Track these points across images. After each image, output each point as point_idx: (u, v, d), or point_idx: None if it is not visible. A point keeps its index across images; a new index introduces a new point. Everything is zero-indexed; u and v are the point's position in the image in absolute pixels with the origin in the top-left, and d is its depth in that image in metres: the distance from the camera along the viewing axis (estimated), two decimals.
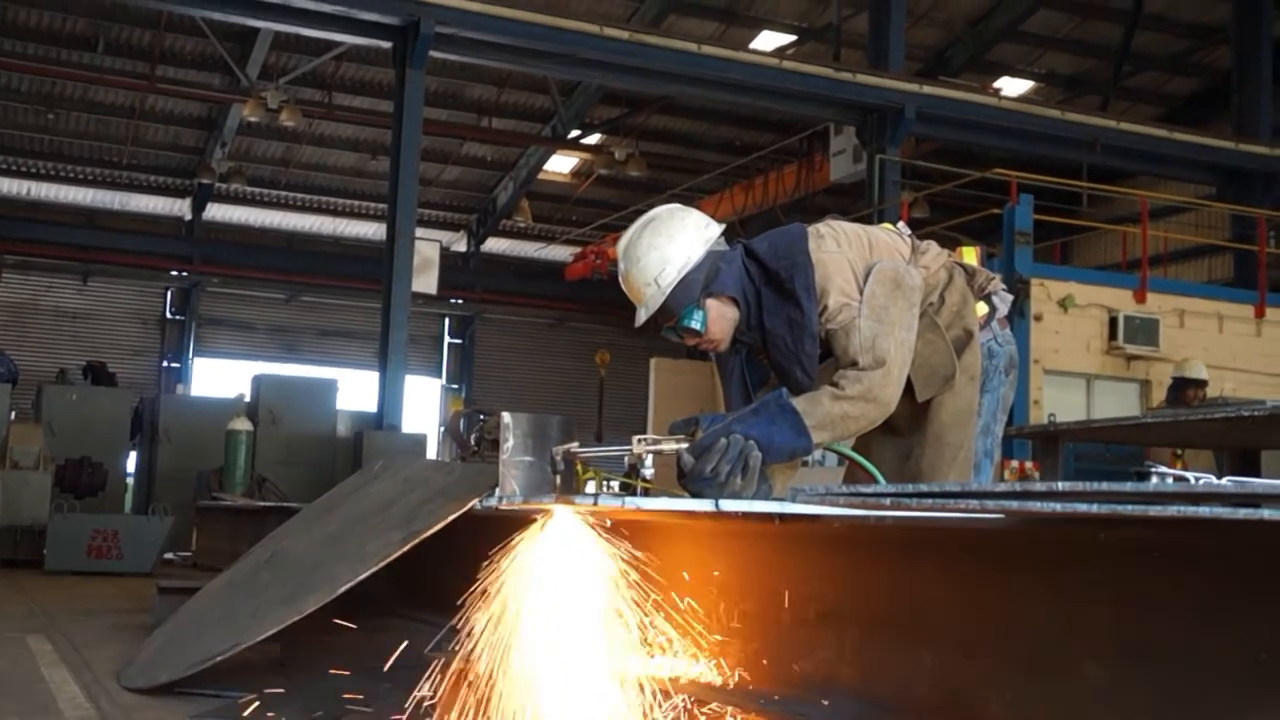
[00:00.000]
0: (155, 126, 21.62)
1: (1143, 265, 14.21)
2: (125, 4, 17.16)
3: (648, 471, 2.96)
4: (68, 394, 14.95)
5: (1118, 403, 13.42)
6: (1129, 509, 1.49)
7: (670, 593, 2.96)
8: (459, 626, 2.99)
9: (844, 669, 2.61)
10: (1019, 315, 12.29)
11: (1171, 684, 1.88)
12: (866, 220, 14.88)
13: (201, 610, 5.21)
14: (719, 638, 2.95)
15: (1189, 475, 1.95)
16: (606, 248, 21.65)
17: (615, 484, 3.26)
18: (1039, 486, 1.62)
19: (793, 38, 20.01)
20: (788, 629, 2.78)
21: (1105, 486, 1.57)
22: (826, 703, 2.58)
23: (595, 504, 2.68)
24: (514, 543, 2.98)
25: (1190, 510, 1.44)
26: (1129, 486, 1.59)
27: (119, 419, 14.95)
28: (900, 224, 3.52)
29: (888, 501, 1.95)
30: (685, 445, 2.96)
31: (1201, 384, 10.91)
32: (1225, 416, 5.31)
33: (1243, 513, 1.44)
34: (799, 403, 3.06)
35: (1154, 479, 1.94)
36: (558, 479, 2.96)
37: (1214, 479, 1.87)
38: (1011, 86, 21.01)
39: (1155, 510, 1.48)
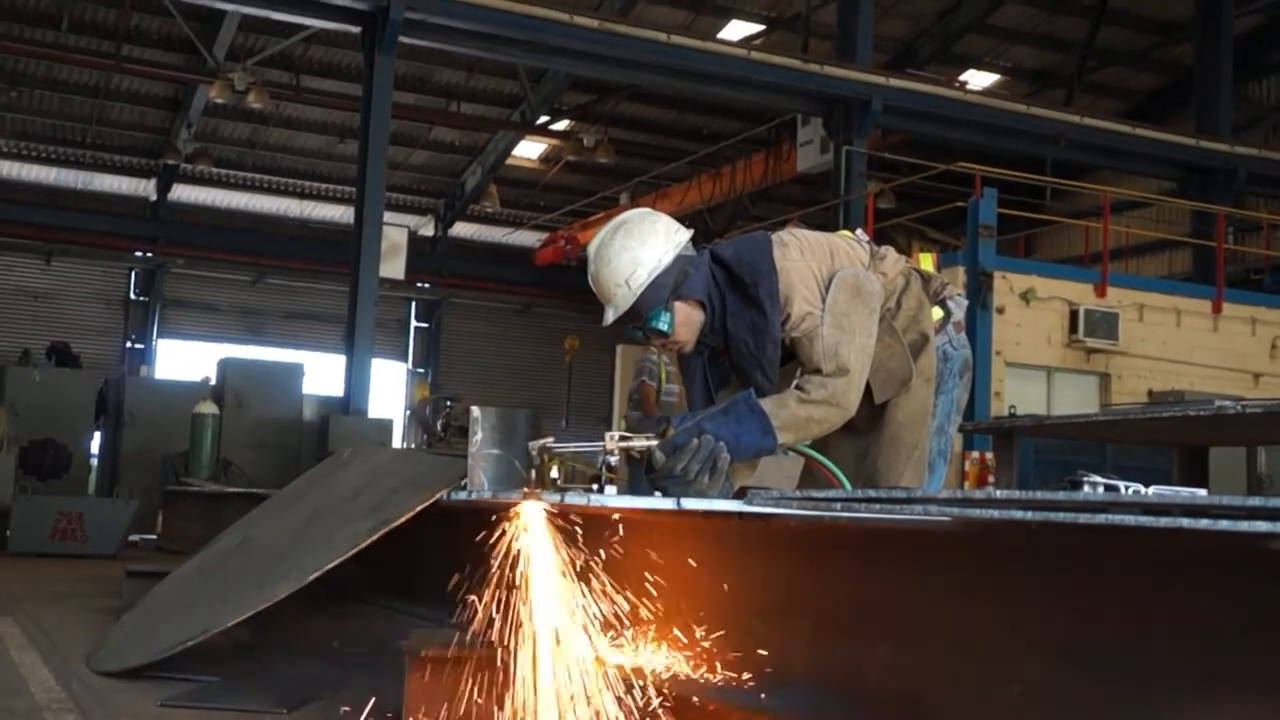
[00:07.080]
0: (120, 106, 21.45)
1: (1104, 259, 14.42)
2: None
3: (612, 459, 3.06)
4: (31, 375, 14.86)
5: (1077, 395, 13.61)
6: (1060, 517, 1.62)
7: (635, 585, 3.06)
8: (431, 616, 3.09)
9: (798, 661, 2.72)
10: (981, 307, 12.48)
11: (1113, 680, 2.00)
12: (832, 211, 15.13)
13: (171, 595, 5.27)
14: (681, 630, 3.05)
15: (1119, 484, 2.07)
16: (577, 233, 21.69)
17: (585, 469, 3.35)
18: (978, 494, 1.73)
19: (761, 27, 20.13)
20: (745, 621, 2.88)
21: (1039, 495, 1.70)
22: (782, 693, 2.69)
23: (562, 500, 2.77)
24: (485, 533, 3.07)
25: (1116, 519, 1.56)
26: (1061, 496, 1.71)
27: (83, 400, 14.87)
28: (859, 231, 3.64)
29: (838, 506, 2.06)
30: (656, 443, 3.07)
31: None
32: (1173, 416, 5.46)
33: (1164, 521, 1.56)
34: (766, 404, 3.17)
35: (1085, 488, 2.07)
36: (533, 474, 3.05)
37: (1142, 488, 2.00)
38: (977, 80, 21.25)
39: (1084, 518, 1.60)
